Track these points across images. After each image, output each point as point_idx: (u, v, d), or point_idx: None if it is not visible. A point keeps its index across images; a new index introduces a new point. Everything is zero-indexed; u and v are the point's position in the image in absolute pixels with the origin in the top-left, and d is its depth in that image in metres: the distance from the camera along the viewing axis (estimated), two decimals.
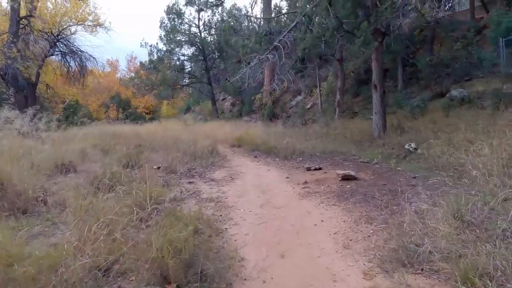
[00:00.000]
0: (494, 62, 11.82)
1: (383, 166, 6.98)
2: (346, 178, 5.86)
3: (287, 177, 6.61)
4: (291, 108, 20.65)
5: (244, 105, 22.81)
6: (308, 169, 7.03)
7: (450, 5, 16.01)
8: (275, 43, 9.68)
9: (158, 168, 7.13)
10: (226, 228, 3.94)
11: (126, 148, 8.37)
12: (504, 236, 2.79)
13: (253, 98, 19.77)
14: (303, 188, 5.68)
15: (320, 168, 7.02)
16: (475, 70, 12.46)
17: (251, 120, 20.12)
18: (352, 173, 6.02)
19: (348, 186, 5.49)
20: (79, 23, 14.80)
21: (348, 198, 4.88)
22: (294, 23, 10.05)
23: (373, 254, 3.05)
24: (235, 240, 3.58)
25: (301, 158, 8.44)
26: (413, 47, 15.11)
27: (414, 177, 5.73)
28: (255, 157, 9.38)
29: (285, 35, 10.05)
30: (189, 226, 2.86)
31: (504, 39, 11.22)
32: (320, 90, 18.91)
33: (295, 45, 10.45)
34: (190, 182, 6.39)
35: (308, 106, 18.85)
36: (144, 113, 39.22)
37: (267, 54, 9.74)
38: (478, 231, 2.91)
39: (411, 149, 7.50)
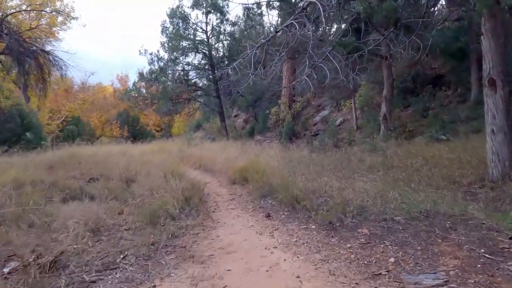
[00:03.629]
0: None
1: None
2: None
3: None
4: (314, 125, 15.93)
5: (257, 121, 18.26)
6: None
7: None
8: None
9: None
10: None
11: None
12: None
13: (267, 112, 15.17)
14: None
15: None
16: None
17: (265, 139, 15.47)
18: None
19: None
20: (30, 6, 10.76)
21: None
22: None
23: None
24: None
25: (367, 231, 3.68)
26: None
27: None
28: (268, 215, 4.68)
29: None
30: None
31: None
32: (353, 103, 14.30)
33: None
34: None
35: (338, 122, 14.11)
36: (155, 131, 35.46)
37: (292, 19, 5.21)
38: None
39: None
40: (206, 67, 19.67)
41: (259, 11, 16.74)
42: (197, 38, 19.07)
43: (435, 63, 13.60)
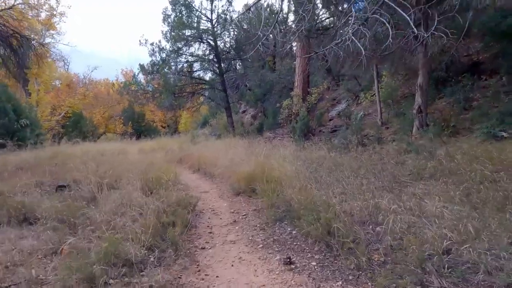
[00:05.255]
0: None
1: None
2: None
3: None
4: (330, 120, 14.02)
5: (266, 117, 16.40)
6: None
7: None
8: None
9: None
10: None
11: None
12: None
13: (278, 105, 13.28)
14: None
15: None
16: None
17: (276, 136, 13.59)
18: None
19: None
20: None
21: None
22: None
23: None
24: None
25: None
26: None
27: None
28: (288, 261, 2.83)
29: None
30: None
31: None
32: (373, 95, 12.41)
33: None
34: None
35: (358, 117, 12.16)
36: (161, 127, 33.89)
37: None
38: None
39: None
40: (211, 57, 17.84)
41: None
42: (201, 27, 17.24)
43: (469, 49, 11.58)
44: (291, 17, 16.74)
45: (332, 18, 9.35)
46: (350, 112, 12.07)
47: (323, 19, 10.03)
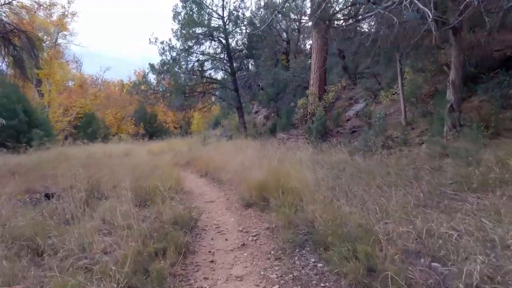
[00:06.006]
0: None
1: None
2: None
3: None
4: (348, 120, 13.05)
5: (280, 117, 15.54)
6: None
7: None
8: None
9: None
10: None
11: None
12: None
13: (292, 104, 12.39)
14: None
15: None
16: None
17: (290, 137, 12.71)
18: None
19: None
20: None
21: None
22: None
23: None
24: None
25: None
26: None
27: None
28: None
29: None
30: None
31: None
32: (394, 93, 11.50)
33: None
34: None
35: (380, 116, 11.17)
36: (173, 128, 33.46)
37: None
38: None
39: None
40: (222, 56, 17.11)
41: None
42: (212, 24, 16.53)
43: (502, 44, 10.49)
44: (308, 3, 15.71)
45: (353, 6, 8.42)
46: (370, 111, 11.09)
47: (342, 6, 9.08)
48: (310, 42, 23.52)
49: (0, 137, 15.26)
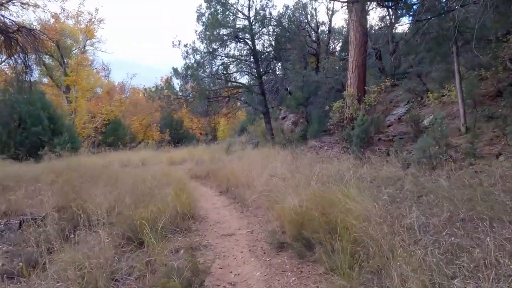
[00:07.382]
0: None
1: None
2: None
3: None
4: (389, 126, 11.42)
5: (310, 123, 14.10)
6: None
7: None
8: None
9: None
10: None
11: None
12: None
13: (326, 108, 10.92)
14: None
15: None
16: None
17: (322, 145, 11.21)
18: None
19: None
20: None
21: None
22: None
23: None
24: None
25: None
26: None
27: None
28: None
29: None
30: None
31: None
32: (443, 95, 9.93)
33: None
34: None
35: (426, 122, 9.49)
36: (199, 134, 32.81)
37: None
38: None
39: None
40: (248, 58, 15.97)
41: None
42: (237, 25, 15.48)
43: None
44: None
45: None
46: (417, 116, 9.43)
47: None
48: (340, 44, 21.97)
49: (23, 144, 14.98)
